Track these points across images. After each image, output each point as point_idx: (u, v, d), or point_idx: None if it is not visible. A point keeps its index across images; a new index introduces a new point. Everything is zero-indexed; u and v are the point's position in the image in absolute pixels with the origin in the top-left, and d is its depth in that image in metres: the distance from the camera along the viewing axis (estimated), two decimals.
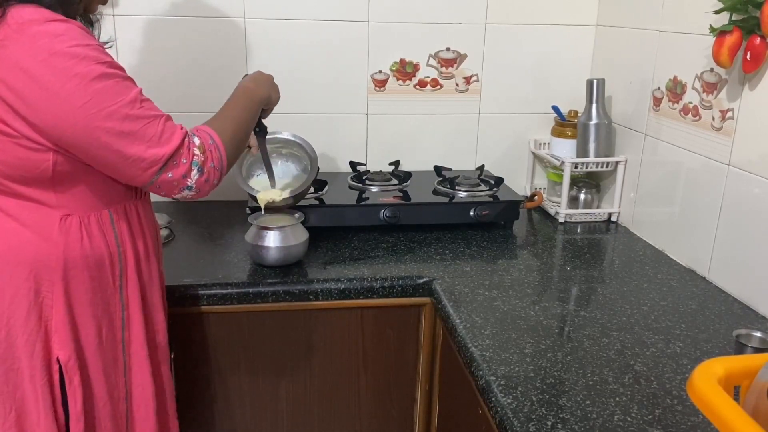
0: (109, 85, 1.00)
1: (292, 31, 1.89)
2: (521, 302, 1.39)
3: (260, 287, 1.44)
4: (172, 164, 1.06)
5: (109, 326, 1.14)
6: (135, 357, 1.18)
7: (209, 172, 1.12)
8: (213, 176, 1.13)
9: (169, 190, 1.09)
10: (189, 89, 1.89)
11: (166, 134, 1.06)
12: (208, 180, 1.12)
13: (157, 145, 1.04)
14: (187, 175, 1.09)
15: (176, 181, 1.08)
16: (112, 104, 0.99)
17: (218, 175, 1.14)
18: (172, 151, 1.06)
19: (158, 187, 1.08)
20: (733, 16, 1.35)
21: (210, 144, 1.12)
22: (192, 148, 1.09)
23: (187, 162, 1.08)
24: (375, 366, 1.55)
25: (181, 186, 1.09)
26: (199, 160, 1.10)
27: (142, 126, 1.03)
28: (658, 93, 1.70)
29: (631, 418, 1.01)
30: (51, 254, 1.06)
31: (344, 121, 1.99)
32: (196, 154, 1.09)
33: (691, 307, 1.38)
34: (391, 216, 1.71)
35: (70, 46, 0.97)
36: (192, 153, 1.09)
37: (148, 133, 1.03)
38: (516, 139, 2.08)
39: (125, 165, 1.04)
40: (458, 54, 1.98)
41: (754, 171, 1.36)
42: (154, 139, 1.04)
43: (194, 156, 1.09)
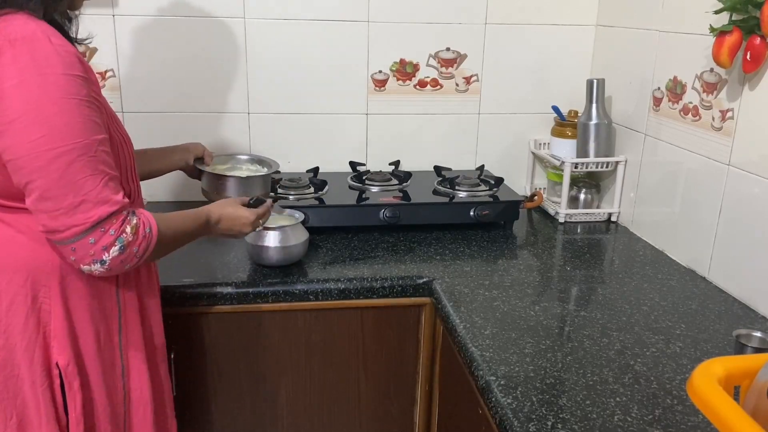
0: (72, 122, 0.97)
1: (292, 31, 1.89)
2: (521, 302, 1.39)
3: (260, 287, 1.44)
4: (99, 230, 0.99)
5: (106, 330, 1.14)
6: (132, 360, 1.19)
7: (129, 256, 1.04)
8: (130, 261, 1.04)
9: (81, 257, 1.00)
10: (189, 89, 1.89)
11: (106, 194, 1.00)
12: (124, 262, 1.04)
13: (92, 203, 0.99)
14: (108, 248, 1.01)
15: (94, 251, 1.00)
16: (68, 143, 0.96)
17: (134, 262, 1.06)
18: (106, 214, 1.00)
19: (73, 249, 1.00)
20: (733, 16, 1.35)
21: (146, 232, 1.06)
22: (125, 224, 1.02)
23: (114, 234, 1.01)
24: (375, 366, 1.55)
25: (96, 257, 1.01)
26: (126, 239, 1.02)
27: (86, 176, 0.98)
28: (658, 93, 1.70)
29: (631, 418, 1.01)
30: (47, 260, 1.06)
31: (344, 121, 1.99)
32: (126, 232, 1.02)
33: (691, 307, 1.38)
34: (391, 216, 1.71)
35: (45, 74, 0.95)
36: (123, 229, 1.02)
37: (89, 187, 0.99)
38: (516, 139, 2.08)
39: (52, 216, 0.98)
40: (458, 54, 1.98)
41: (754, 171, 1.36)
42: (92, 196, 0.99)
43: (122, 233, 1.02)
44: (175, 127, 1.91)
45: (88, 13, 1.78)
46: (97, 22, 1.79)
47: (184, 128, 1.91)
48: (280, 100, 1.94)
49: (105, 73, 1.84)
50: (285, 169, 1.95)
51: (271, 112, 1.95)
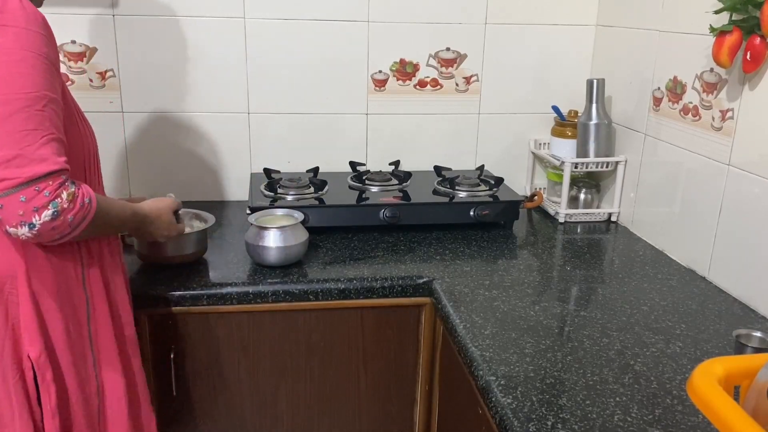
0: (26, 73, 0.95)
1: (292, 31, 1.89)
2: (521, 302, 1.39)
3: (260, 287, 1.43)
4: (33, 188, 0.93)
5: (75, 321, 1.12)
6: (104, 352, 1.17)
7: (62, 224, 0.98)
8: (63, 229, 0.99)
9: (8, 217, 0.94)
10: (189, 89, 1.89)
11: (44, 153, 0.95)
12: (55, 229, 0.98)
13: (28, 159, 0.94)
14: (38, 211, 0.95)
15: (23, 210, 0.94)
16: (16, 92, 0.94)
17: (67, 232, 1.00)
18: (41, 173, 0.94)
19: (0, 206, 0.93)
20: (733, 16, 1.35)
21: (84, 202, 1.00)
22: (62, 189, 0.97)
23: (49, 197, 0.95)
24: (375, 366, 1.55)
25: (24, 219, 0.94)
26: (60, 204, 0.96)
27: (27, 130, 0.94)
28: (658, 93, 1.70)
29: (631, 418, 1.01)
30: (11, 251, 1.05)
31: (344, 121, 1.99)
32: (61, 197, 0.96)
33: (691, 307, 1.38)
34: (391, 216, 1.71)
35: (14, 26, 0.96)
36: (57, 193, 0.96)
37: (27, 142, 0.94)
38: (516, 139, 2.08)
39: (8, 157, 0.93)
40: (458, 54, 1.98)
41: (754, 171, 1.36)
42: (28, 152, 0.94)
43: (58, 197, 0.96)
44: (175, 127, 1.91)
45: (88, 13, 1.79)
46: (97, 22, 1.80)
47: (184, 128, 1.91)
48: (280, 100, 1.94)
49: (105, 73, 1.84)
50: (285, 169, 1.95)
51: (271, 112, 1.95)
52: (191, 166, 1.95)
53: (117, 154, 1.91)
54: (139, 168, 1.93)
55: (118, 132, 1.89)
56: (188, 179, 1.96)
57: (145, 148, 1.92)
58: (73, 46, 1.81)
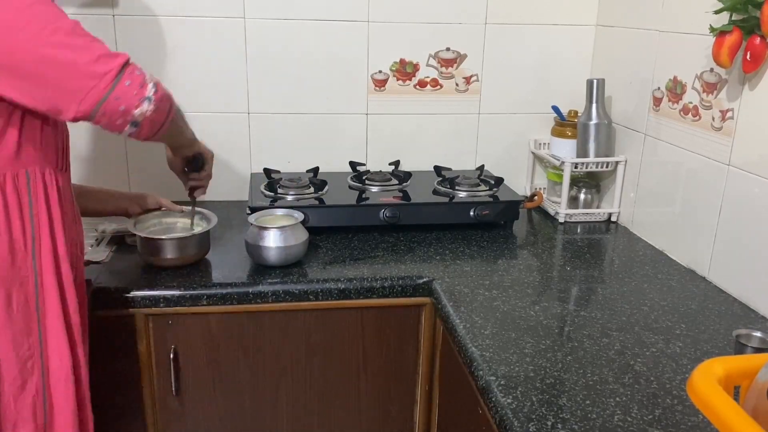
0: (48, 9, 1.01)
1: (292, 31, 1.89)
2: (521, 302, 1.39)
3: (260, 287, 1.43)
4: (127, 72, 1.04)
5: (22, 293, 1.09)
6: (51, 330, 1.13)
7: (163, 95, 1.09)
8: (166, 101, 1.10)
9: (129, 102, 1.03)
10: (189, 89, 1.89)
11: (112, 51, 1.05)
12: (163, 99, 1.09)
13: (107, 55, 1.03)
14: (144, 85, 1.05)
15: (135, 90, 1.04)
16: (55, 23, 1.00)
17: (168, 104, 1.12)
18: (125, 60, 1.04)
19: (116, 98, 1.02)
20: (733, 16, 1.35)
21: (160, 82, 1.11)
22: (141, 70, 1.07)
23: (141, 75, 1.06)
24: (375, 366, 1.55)
25: (140, 95, 1.04)
26: (150, 78, 1.08)
27: (89, 41, 1.03)
28: (658, 93, 1.70)
29: (631, 418, 1.01)
30: None
31: (344, 121, 1.99)
32: (147, 73, 1.08)
33: (691, 307, 1.38)
34: (391, 216, 1.71)
35: None
36: (143, 71, 1.07)
37: (96, 46, 1.03)
38: (516, 139, 2.08)
39: (78, 78, 1.01)
40: (458, 54, 1.98)
41: (754, 171, 1.36)
42: (104, 50, 1.03)
43: (146, 74, 1.07)
44: None
45: (88, 13, 1.79)
46: (97, 22, 1.79)
47: None
48: (280, 100, 1.94)
49: None
50: (285, 169, 1.95)
51: (271, 112, 1.95)
52: None
53: (117, 154, 1.91)
54: (139, 168, 1.92)
55: None
56: None
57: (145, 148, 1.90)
58: None
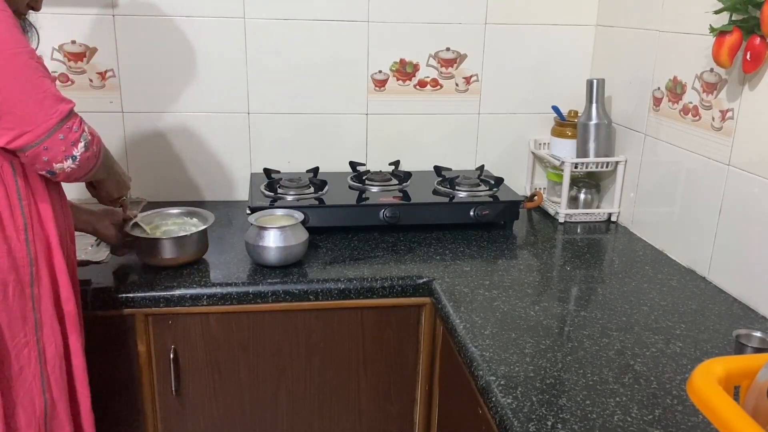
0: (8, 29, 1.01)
1: (292, 31, 1.89)
2: (521, 302, 1.39)
3: (260, 287, 1.43)
4: (66, 126, 1.04)
5: (17, 281, 1.09)
6: (46, 315, 1.13)
7: (92, 154, 1.10)
8: (92, 161, 1.11)
9: (54, 155, 1.05)
10: (189, 89, 1.89)
11: (61, 94, 1.05)
12: (89, 159, 1.09)
13: (56, 98, 1.03)
14: (75, 144, 1.06)
15: (65, 146, 1.05)
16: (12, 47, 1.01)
17: (94, 162, 1.12)
18: (68, 110, 1.05)
19: (45, 148, 1.03)
20: (733, 16, 1.35)
21: (97, 135, 1.12)
22: (83, 123, 1.08)
23: (78, 131, 1.07)
24: (375, 366, 1.55)
25: (67, 153, 1.06)
26: (86, 136, 1.09)
27: (41, 76, 1.03)
28: (658, 93, 1.70)
29: (631, 418, 1.01)
30: None
31: (344, 121, 1.99)
32: (85, 130, 1.08)
33: (691, 307, 1.38)
34: (391, 216, 1.71)
35: None
36: (83, 127, 1.08)
37: (47, 85, 1.03)
38: (516, 139, 2.08)
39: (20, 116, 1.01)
40: (458, 54, 1.98)
41: (754, 171, 1.36)
42: (53, 91, 1.03)
43: (84, 131, 1.08)
44: (175, 127, 1.91)
45: (88, 13, 1.79)
46: (97, 22, 1.80)
47: (184, 128, 1.91)
48: (280, 100, 1.94)
49: (105, 73, 1.84)
50: (285, 169, 1.95)
51: (271, 112, 1.95)
52: (191, 166, 1.95)
53: (117, 155, 1.90)
54: (139, 168, 1.93)
55: (118, 132, 1.89)
56: (188, 179, 1.96)
57: (145, 148, 1.92)
58: (73, 46, 1.81)
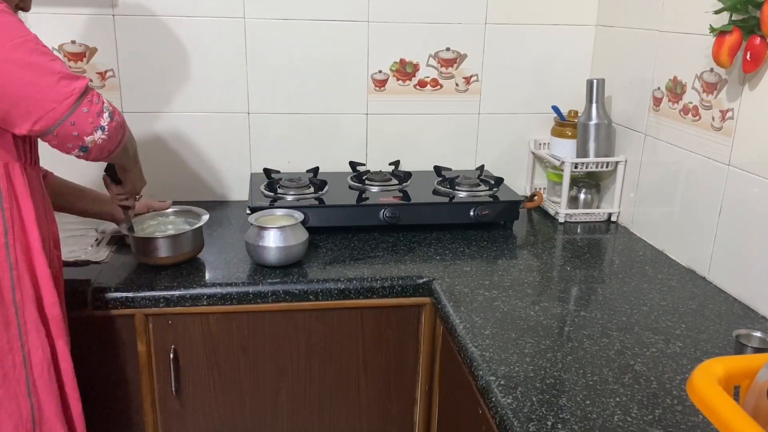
0: (12, 20, 1.01)
1: (292, 31, 1.89)
2: (521, 302, 1.39)
3: (260, 287, 1.43)
4: (86, 99, 1.05)
5: None
6: (30, 319, 1.12)
7: (118, 124, 1.10)
8: (119, 131, 1.11)
9: (83, 128, 1.05)
10: (189, 89, 1.89)
11: (72, 72, 1.05)
12: (116, 128, 1.10)
13: (69, 77, 1.03)
14: (100, 114, 1.07)
15: (91, 118, 1.05)
16: (18, 37, 1.00)
17: (122, 133, 1.12)
18: (85, 85, 1.05)
19: (72, 123, 1.04)
20: (733, 16, 1.35)
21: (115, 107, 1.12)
22: (100, 95, 1.09)
23: (99, 103, 1.07)
24: (375, 366, 1.55)
25: (95, 124, 1.06)
26: (108, 106, 1.09)
27: (50, 60, 1.02)
28: (658, 93, 1.70)
29: (631, 418, 1.01)
30: None
31: (344, 121, 1.99)
32: (105, 101, 1.09)
33: (691, 307, 1.38)
34: (391, 216, 1.71)
35: None
36: (102, 98, 1.08)
37: (57, 66, 1.02)
38: (516, 139, 2.08)
39: (38, 98, 1.01)
40: (458, 54, 1.98)
41: (754, 171, 1.36)
42: (65, 71, 1.03)
43: (104, 102, 1.09)
44: (175, 127, 1.91)
45: (88, 13, 1.79)
46: (97, 22, 1.80)
47: (184, 128, 1.91)
48: (280, 100, 1.94)
49: (105, 73, 1.84)
50: (285, 169, 1.95)
51: (271, 112, 1.95)
52: (191, 166, 1.95)
53: None
54: None
55: None
56: (188, 179, 1.96)
57: (145, 148, 1.90)
58: (73, 46, 1.81)
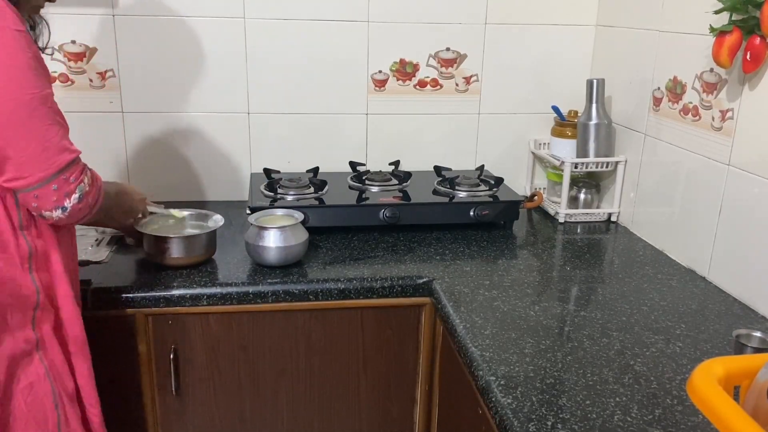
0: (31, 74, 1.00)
1: (292, 31, 1.89)
2: (521, 302, 1.39)
3: (260, 287, 1.43)
4: (62, 177, 1.04)
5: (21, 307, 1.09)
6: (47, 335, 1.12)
7: (85, 206, 1.09)
8: (84, 211, 1.10)
9: (44, 204, 1.05)
10: (189, 89, 1.89)
11: (65, 143, 1.05)
12: (81, 210, 1.09)
13: (56, 150, 1.03)
14: (69, 195, 1.06)
15: (56, 196, 1.05)
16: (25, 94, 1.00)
17: (86, 212, 1.11)
18: (67, 162, 1.05)
19: (35, 196, 1.03)
20: (733, 16, 1.35)
21: (98, 185, 1.12)
22: (83, 173, 1.08)
23: (75, 182, 1.07)
24: (375, 366, 1.55)
25: (58, 204, 1.05)
26: (84, 188, 1.08)
27: (47, 125, 1.02)
28: (658, 93, 1.70)
29: (631, 418, 1.01)
30: None
31: (344, 121, 1.99)
32: (83, 182, 1.08)
33: (691, 307, 1.38)
34: (391, 216, 1.71)
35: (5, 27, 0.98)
36: (81, 179, 1.08)
37: (50, 134, 1.03)
38: (516, 139, 2.08)
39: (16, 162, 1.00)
40: (458, 54, 1.98)
41: (754, 171, 1.36)
42: (54, 142, 1.03)
43: (81, 182, 1.08)
44: (175, 127, 1.91)
45: (89, 13, 1.79)
46: (97, 22, 1.80)
47: (184, 128, 1.91)
48: (280, 100, 1.94)
49: (105, 73, 1.84)
50: (285, 169, 1.95)
51: (271, 112, 1.95)
52: (191, 166, 1.95)
53: (117, 155, 1.91)
54: (138, 168, 1.93)
55: (118, 132, 1.89)
56: (188, 179, 1.97)
57: (145, 148, 1.92)
58: (73, 46, 1.81)
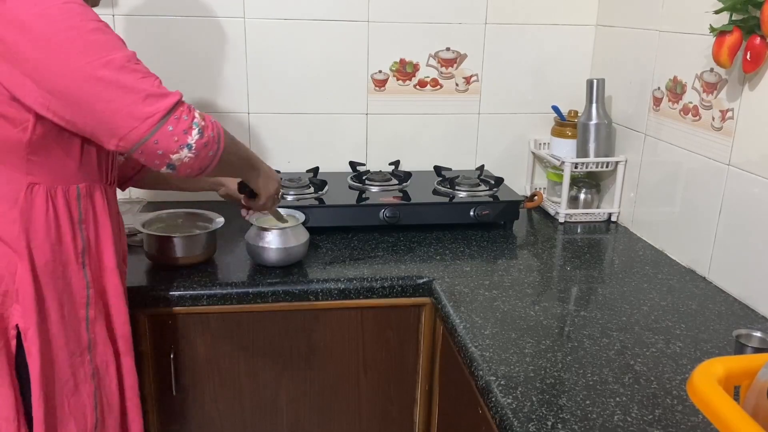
0: (105, 39, 1.00)
1: (292, 31, 1.89)
2: (521, 302, 1.39)
3: (260, 287, 1.43)
4: (173, 117, 1.01)
5: (71, 303, 1.12)
6: (99, 337, 1.16)
7: (209, 140, 1.05)
8: (211, 147, 1.05)
9: (167, 146, 1.01)
10: (189, 89, 1.89)
11: (164, 89, 1.02)
12: (207, 145, 1.04)
13: (156, 96, 1.00)
14: (188, 131, 1.02)
15: (177, 136, 1.01)
16: (108, 55, 0.99)
17: (214, 149, 1.06)
18: (173, 103, 1.01)
19: (156, 142, 1.00)
20: (733, 16, 1.35)
21: (212, 120, 1.07)
22: (192, 110, 1.04)
23: (188, 119, 1.02)
24: (375, 366, 1.55)
25: (181, 142, 1.01)
26: (199, 122, 1.04)
27: (140, 78, 1.00)
28: (658, 93, 1.70)
29: (631, 418, 1.01)
30: (15, 220, 1.05)
31: (344, 121, 1.99)
32: (196, 117, 1.04)
33: (691, 307, 1.38)
34: (391, 216, 1.71)
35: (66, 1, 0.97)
36: (192, 114, 1.04)
37: (145, 85, 1.00)
38: (516, 139, 2.08)
39: (120, 117, 0.99)
40: (458, 54, 1.98)
41: (754, 171, 1.36)
42: (152, 90, 1.00)
43: (195, 117, 1.03)
44: None
45: None
46: None
47: None
48: (280, 100, 1.94)
49: None
50: (285, 169, 1.95)
51: (271, 112, 1.95)
52: None
53: None
54: None
55: None
56: None
57: None
58: None
